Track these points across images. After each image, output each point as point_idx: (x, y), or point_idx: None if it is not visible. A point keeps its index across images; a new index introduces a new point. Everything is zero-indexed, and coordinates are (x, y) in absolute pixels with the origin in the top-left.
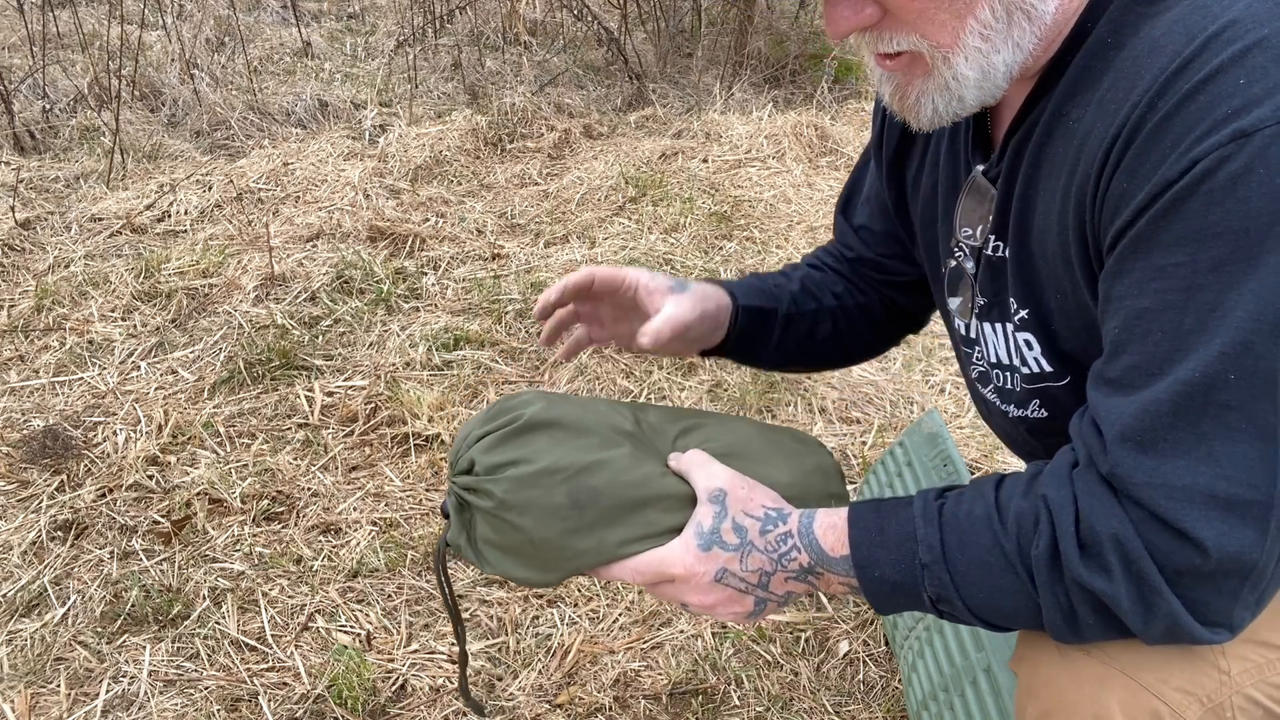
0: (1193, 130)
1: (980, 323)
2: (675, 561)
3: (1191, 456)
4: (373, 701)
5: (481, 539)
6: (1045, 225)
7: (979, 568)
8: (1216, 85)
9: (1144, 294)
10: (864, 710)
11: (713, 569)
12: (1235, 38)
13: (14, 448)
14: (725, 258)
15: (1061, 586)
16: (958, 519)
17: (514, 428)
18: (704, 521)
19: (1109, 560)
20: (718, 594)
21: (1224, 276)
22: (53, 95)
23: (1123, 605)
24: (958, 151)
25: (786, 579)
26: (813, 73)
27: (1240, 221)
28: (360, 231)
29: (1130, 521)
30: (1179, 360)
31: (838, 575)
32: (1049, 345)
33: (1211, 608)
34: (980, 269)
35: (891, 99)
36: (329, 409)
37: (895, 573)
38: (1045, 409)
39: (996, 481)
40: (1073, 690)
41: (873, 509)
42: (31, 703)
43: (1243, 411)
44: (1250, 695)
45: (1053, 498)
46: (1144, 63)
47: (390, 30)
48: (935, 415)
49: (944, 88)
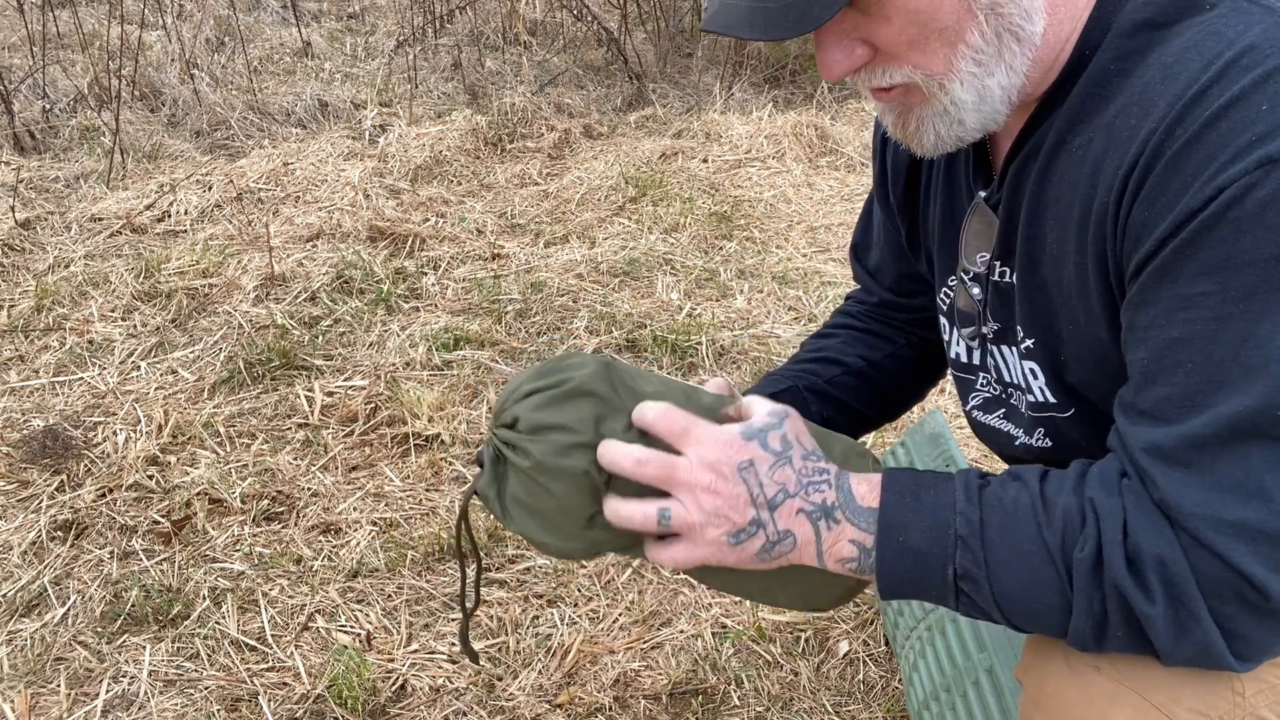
0: (1216, 157)
1: (993, 347)
2: (709, 430)
3: (1242, 492)
4: (373, 701)
5: (511, 496)
6: (1059, 255)
7: (1017, 555)
8: (1239, 111)
9: (1172, 324)
10: (864, 710)
11: (744, 455)
12: (1255, 63)
13: (14, 448)
14: (725, 258)
15: (1100, 593)
16: (1002, 502)
17: (563, 390)
18: (755, 423)
19: (1150, 580)
20: (731, 485)
21: (1256, 305)
22: (53, 95)
23: (1157, 626)
24: (958, 179)
25: (799, 510)
26: (813, 73)
27: (1271, 250)
28: (360, 231)
29: (1180, 547)
30: (1215, 393)
31: (855, 526)
32: (1054, 376)
33: (1249, 641)
34: (989, 295)
35: (894, 128)
36: (329, 409)
37: (923, 540)
38: (1049, 439)
39: (1042, 474)
40: (1081, 706)
41: (911, 476)
42: (31, 703)
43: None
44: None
45: (1101, 504)
46: (1157, 89)
47: (390, 30)
48: (937, 416)
49: (943, 113)
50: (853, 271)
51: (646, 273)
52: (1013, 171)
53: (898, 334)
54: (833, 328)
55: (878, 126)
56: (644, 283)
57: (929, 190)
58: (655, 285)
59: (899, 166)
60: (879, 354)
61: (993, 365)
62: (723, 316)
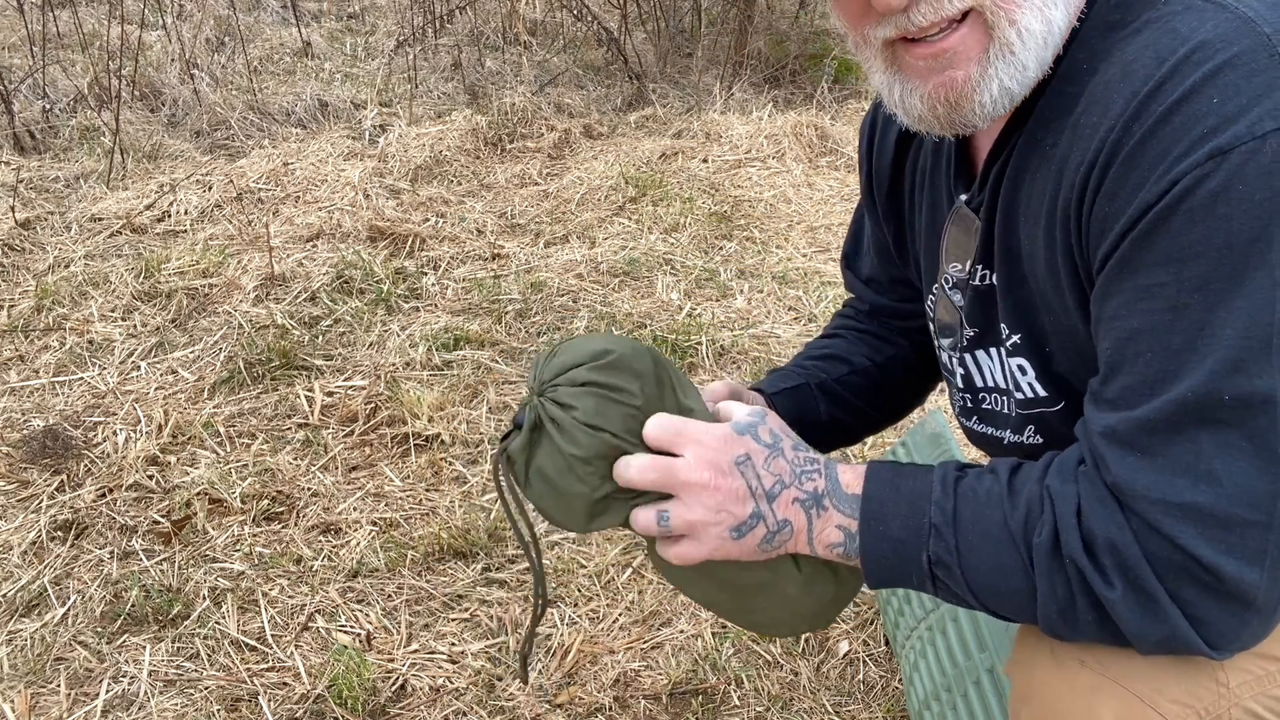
0: (1170, 152)
1: (969, 353)
2: (703, 429)
3: (1191, 475)
4: (373, 701)
5: (536, 468)
6: (1033, 250)
7: (985, 541)
8: (1191, 106)
9: (1132, 315)
10: (864, 710)
11: (740, 451)
12: (1206, 58)
13: (14, 448)
14: (725, 258)
15: (1061, 576)
16: (975, 492)
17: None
18: (741, 420)
19: (1105, 563)
20: (730, 480)
21: (1209, 295)
22: (53, 95)
23: (1119, 609)
24: (939, 185)
25: (794, 499)
26: (813, 73)
27: (1222, 239)
28: (360, 231)
29: (1130, 530)
30: (1171, 379)
31: (841, 513)
32: (1043, 369)
33: (1216, 627)
34: (967, 301)
35: (932, 102)
36: (329, 409)
37: (900, 529)
38: (1040, 435)
39: (1014, 465)
40: (1067, 699)
41: (892, 467)
42: (31, 703)
43: (1241, 430)
44: (1249, 708)
45: (1056, 490)
46: (1116, 87)
47: (390, 30)
48: (938, 416)
49: (1007, 52)
50: (845, 281)
51: (646, 273)
52: (995, 172)
53: (898, 338)
54: (836, 329)
55: (863, 134)
56: (644, 283)
57: (914, 198)
58: (655, 285)
59: (883, 172)
60: (883, 355)
61: (962, 374)
62: (723, 316)
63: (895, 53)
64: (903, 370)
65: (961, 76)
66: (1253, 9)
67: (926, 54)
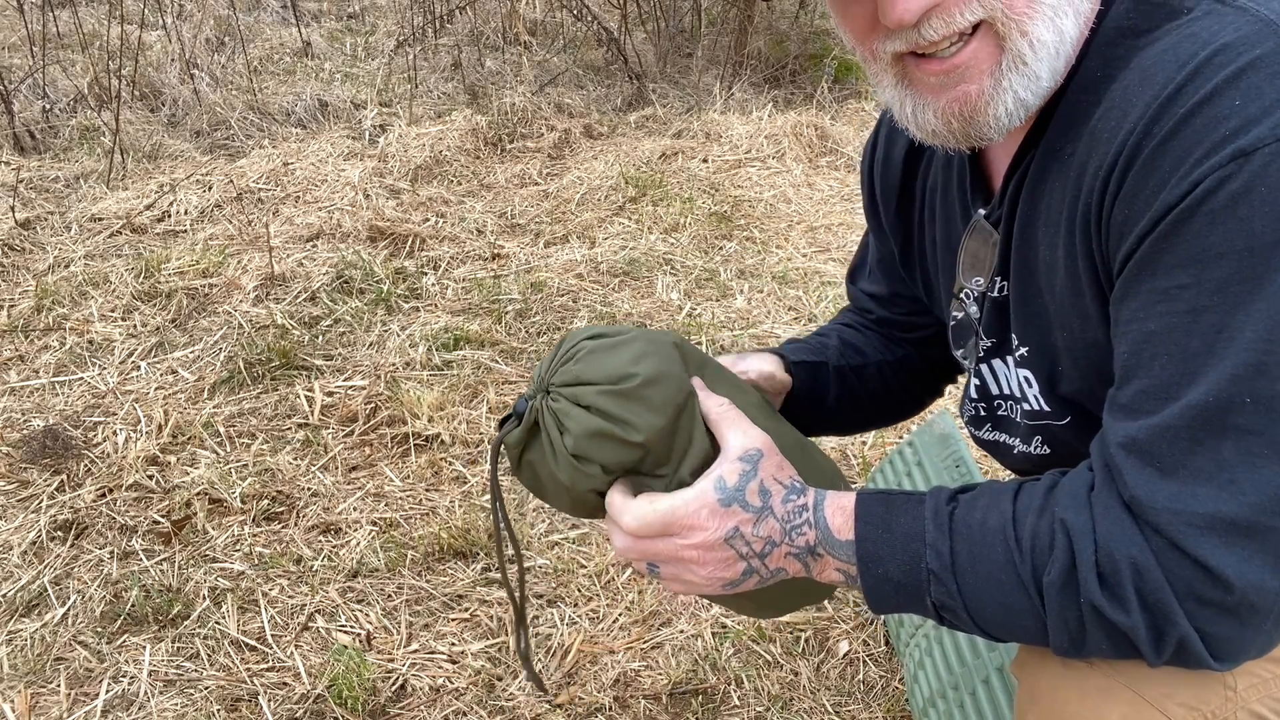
0: (1192, 153)
1: (985, 363)
2: (688, 513)
3: (1213, 483)
4: (373, 701)
5: (528, 461)
6: (1051, 261)
7: (989, 585)
8: (1213, 107)
9: (1150, 317)
10: (864, 710)
11: (726, 527)
12: (1228, 61)
13: (14, 448)
14: (725, 258)
15: (1074, 611)
16: (970, 529)
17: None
18: (728, 479)
19: (1126, 591)
20: (718, 554)
21: (1229, 297)
22: (53, 95)
23: (1140, 635)
24: (953, 201)
25: (787, 554)
26: (813, 72)
27: (1244, 241)
28: (360, 231)
29: (1151, 551)
30: (1189, 384)
31: (837, 560)
32: (1048, 386)
33: (1224, 640)
34: (985, 312)
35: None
36: (329, 409)
37: (899, 573)
38: (1047, 446)
39: (1014, 492)
40: (1075, 702)
41: (882, 502)
42: (31, 703)
43: (1262, 436)
44: (1256, 711)
45: (1071, 523)
46: (1135, 91)
47: (390, 30)
48: (947, 417)
49: (1020, 64)
50: (850, 295)
51: (646, 273)
52: (1013, 186)
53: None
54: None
55: (865, 154)
56: (644, 283)
57: (924, 215)
58: (655, 285)
59: (889, 190)
60: (894, 355)
61: (978, 384)
62: (723, 316)
63: (905, 68)
64: (909, 375)
65: (975, 90)
66: (1275, 12)
67: (939, 70)
